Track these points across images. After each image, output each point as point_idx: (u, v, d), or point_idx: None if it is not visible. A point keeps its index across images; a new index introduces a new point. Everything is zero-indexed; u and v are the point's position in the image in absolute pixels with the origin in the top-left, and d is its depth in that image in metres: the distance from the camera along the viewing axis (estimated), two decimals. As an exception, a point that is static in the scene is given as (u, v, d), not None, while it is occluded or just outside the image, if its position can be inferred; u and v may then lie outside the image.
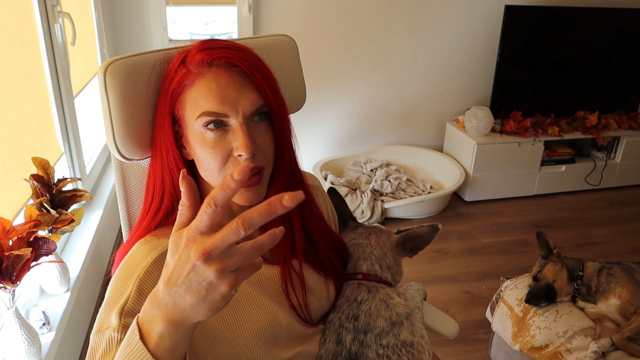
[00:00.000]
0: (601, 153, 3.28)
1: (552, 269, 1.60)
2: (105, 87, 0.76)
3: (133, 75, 0.78)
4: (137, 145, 0.81)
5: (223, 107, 0.71)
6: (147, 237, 0.78)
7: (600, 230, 2.89)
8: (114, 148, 0.80)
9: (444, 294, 2.30)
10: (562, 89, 3.24)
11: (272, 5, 2.85)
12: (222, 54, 0.72)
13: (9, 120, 1.43)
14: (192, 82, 0.73)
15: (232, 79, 0.72)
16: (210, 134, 0.72)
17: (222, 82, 0.71)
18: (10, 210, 1.39)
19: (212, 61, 0.72)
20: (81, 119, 1.99)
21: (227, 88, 0.71)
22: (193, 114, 0.73)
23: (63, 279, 1.47)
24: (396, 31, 3.07)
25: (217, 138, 0.72)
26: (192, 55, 0.74)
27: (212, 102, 0.71)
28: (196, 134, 0.73)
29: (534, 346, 1.59)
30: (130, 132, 0.79)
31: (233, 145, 0.72)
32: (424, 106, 3.33)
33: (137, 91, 0.79)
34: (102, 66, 0.77)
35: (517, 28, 2.98)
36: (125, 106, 0.78)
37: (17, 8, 1.52)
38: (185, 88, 0.73)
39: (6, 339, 1.16)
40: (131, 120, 0.79)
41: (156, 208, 0.80)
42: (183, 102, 0.74)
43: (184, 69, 0.74)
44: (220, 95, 0.71)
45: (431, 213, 2.97)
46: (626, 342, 1.46)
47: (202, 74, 0.72)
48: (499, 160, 3.06)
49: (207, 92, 0.71)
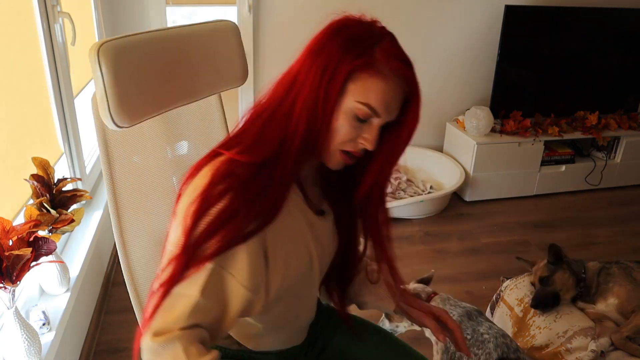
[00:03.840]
0: (601, 153, 3.28)
1: (562, 277, 1.60)
2: (99, 64, 0.87)
3: (123, 54, 0.90)
4: (130, 113, 0.92)
5: (382, 111, 0.82)
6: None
7: (600, 230, 2.89)
8: (109, 117, 0.90)
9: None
10: (562, 89, 3.24)
11: (272, 5, 2.85)
12: (410, 73, 0.84)
13: (9, 120, 1.43)
14: (375, 74, 0.81)
15: (398, 93, 0.84)
16: (356, 118, 0.83)
17: (394, 93, 0.83)
18: (10, 210, 1.39)
19: (398, 71, 0.82)
20: (81, 119, 1.99)
21: (392, 99, 0.83)
22: (357, 96, 0.81)
23: (63, 279, 1.47)
24: (396, 31, 3.04)
25: (358, 123, 0.83)
26: (385, 56, 0.82)
27: (379, 103, 0.81)
28: (348, 108, 0.82)
29: (534, 346, 1.59)
30: (122, 101, 0.90)
31: (363, 135, 0.84)
32: (424, 106, 3.28)
33: (127, 67, 0.90)
34: (96, 47, 0.87)
35: (517, 28, 2.98)
36: (119, 79, 0.89)
37: (17, 8, 1.52)
38: (365, 72, 0.81)
39: (6, 339, 1.17)
40: (123, 92, 0.90)
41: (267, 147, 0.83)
42: (356, 79, 0.81)
43: (371, 57, 0.81)
44: (386, 102, 0.82)
45: (431, 213, 2.97)
46: (625, 342, 1.46)
47: (385, 78, 0.81)
48: (499, 160, 3.05)
49: (381, 93, 0.81)
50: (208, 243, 0.75)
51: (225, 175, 0.79)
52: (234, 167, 0.80)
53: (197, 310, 0.76)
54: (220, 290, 0.78)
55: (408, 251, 2.62)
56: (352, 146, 0.85)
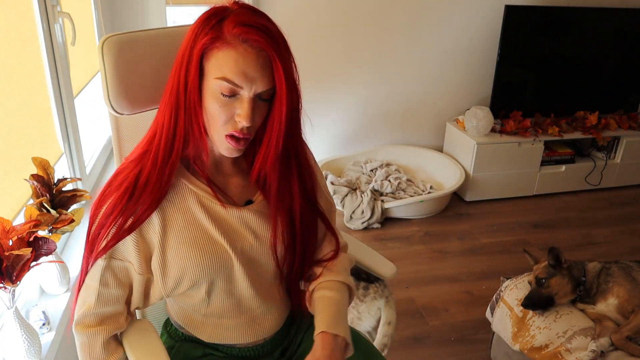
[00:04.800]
0: (601, 153, 3.28)
1: (559, 282, 1.60)
2: (102, 56, 0.94)
3: (126, 48, 0.96)
4: (127, 103, 0.99)
5: (241, 81, 0.81)
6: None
7: (600, 230, 2.89)
8: (109, 104, 0.98)
9: (444, 294, 2.30)
10: (562, 89, 3.24)
11: (272, 5, 2.85)
12: (257, 36, 0.81)
13: (9, 120, 1.43)
14: (223, 46, 0.81)
15: (257, 60, 0.81)
16: (222, 96, 0.83)
17: (248, 60, 0.81)
18: (10, 210, 1.39)
19: (246, 39, 0.81)
20: (81, 119, 1.99)
21: (250, 67, 0.81)
22: (214, 72, 0.82)
23: (63, 279, 1.47)
24: (396, 31, 3.07)
25: (227, 100, 0.84)
26: (230, 25, 0.81)
27: (235, 73, 0.81)
28: (211, 89, 0.84)
29: (534, 346, 1.59)
30: (121, 91, 0.97)
31: (237, 111, 0.84)
32: (423, 106, 3.33)
33: (129, 60, 0.96)
34: (101, 40, 0.95)
35: (517, 28, 2.98)
36: (118, 72, 0.96)
37: (17, 8, 1.52)
38: (215, 47, 0.82)
39: (6, 339, 1.16)
40: (122, 83, 0.97)
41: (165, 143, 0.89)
42: (209, 57, 0.83)
43: (218, 30, 0.82)
44: (243, 71, 0.81)
45: (431, 213, 2.97)
46: (625, 342, 1.46)
47: (234, 46, 0.81)
48: (499, 160, 3.05)
49: (233, 63, 0.81)
50: (99, 238, 0.89)
51: (113, 177, 0.91)
52: (122, 167, 0.92)
53: (102, 298, 0.93)
54: (116, 277, 0.93)
55: (408, 251, 2.62)
56: (232, 126, 0.86)
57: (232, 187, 0.97)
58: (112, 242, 0.89)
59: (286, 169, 0.94)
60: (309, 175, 1.00)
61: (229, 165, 0.98)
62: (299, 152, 0.96)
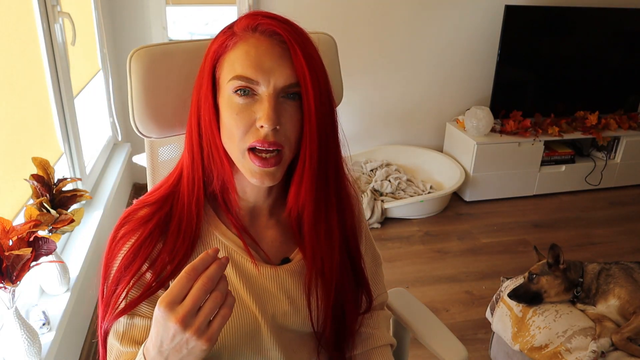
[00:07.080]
0: (601, 153, 3.28)
1: (550, 281, 1.61)
2: (129, 71, 0.84)
3: (157, 63, 0.85)
4: (154, 125, 0.87)
5: (256, 74, 0.69)
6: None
7: (600, 230, 2.89)
8: (134, 125, 0.88)
9: (444, 294, 2.30)
10: (562, 89, 3.24)
11: (272, 5, 2.85)
12: (268, 21, 0.71)
13: (9, 120, 1.43)
14: (234, 44, 0.72)
15: (272, 48, 0.70)
16: (238, 99, 0.70)
17: (261, 49, 0.70)
18: (10, 210, 1.39)
19: (256, 27, 0.71)
20: (81, 119, 1.99)
21: (265, 55, 0.69)
22: (227, 76, 0.71)
23: (63, 279, 1.47)
24: (396, 31, 3.07)
25: (243, 105, 0.70)
26: (239, 21, 0.74)
27: (247, 67, 0.69)
28: (226, 97, 0.72)
29: (534, 346, 1.59)
30: (148, 112, 0.86)
31: (257, 116, 0.70)
32: (424, 106, 3.33)
33: (158, 77, 0.85)
34: (130, 53, 0.85)
35: (517, 28, 2.98)
36: (145, 90, 0.85)
37: (17, 8, 1.52)
38: (227, 49, 0.72)
39: (6, 339, 1.16)
40: (149, 102, 0.86)
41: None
42: (222, 64, 0.73)
43: (229, 32, 0.74)
44: (257, 61, 0.69)
45: (431, 213, 2.97)
46: (626, 343, 1.46)
47: (245, 38, 0.71)
48: (499, 160, 3.06)
49: (245, 56, 0.70)
50: (117, 292, 0.73)
51: (126, 218, 0.76)
52: (138, 208, 0.77)
53: (123, 356, 0.74)
54: (136, 335, 0.75)
55: (408, 251, 2.62)
56: (253, 136, 0.70)
57: (267, 242, 0.83)
58: (132, 304, 0.73)
59: (324, 198, 0.78)
60: (350, 213, 0.86)
61: (265, 214, 0.84)
62: (339, 176, 0.82)
